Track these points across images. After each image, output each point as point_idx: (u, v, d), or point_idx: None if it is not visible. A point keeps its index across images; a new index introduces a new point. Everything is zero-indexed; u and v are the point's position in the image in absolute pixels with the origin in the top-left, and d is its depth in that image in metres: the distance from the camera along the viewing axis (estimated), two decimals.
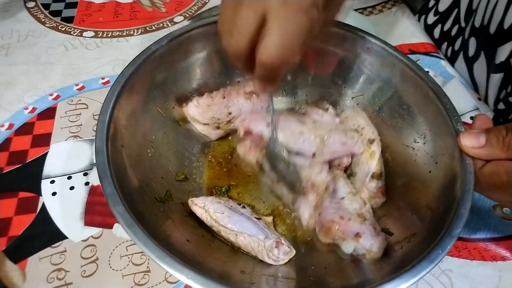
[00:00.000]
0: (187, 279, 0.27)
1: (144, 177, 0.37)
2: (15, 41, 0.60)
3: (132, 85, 0.38)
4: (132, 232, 0.28)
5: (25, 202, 0.41)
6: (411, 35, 0.64)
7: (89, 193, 0.42)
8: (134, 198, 0.33)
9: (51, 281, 0.36)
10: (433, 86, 0.39)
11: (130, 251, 0.38)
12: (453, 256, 0.39)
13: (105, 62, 0.57)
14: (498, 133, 0.32)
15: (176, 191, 0.40)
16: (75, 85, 0.54)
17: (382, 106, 0.45)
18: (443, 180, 0.35)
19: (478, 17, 0.53)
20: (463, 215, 0.30)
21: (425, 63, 0.59)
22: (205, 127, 0.45)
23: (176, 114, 0.44)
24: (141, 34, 0.62)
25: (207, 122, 0.45)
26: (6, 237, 0.38)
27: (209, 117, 0.44)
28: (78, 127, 0.49)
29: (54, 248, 0.38)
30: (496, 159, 0.32)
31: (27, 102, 0.51)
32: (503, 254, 0.39)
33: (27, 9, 0.67)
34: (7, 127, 0.48)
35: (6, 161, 0.45)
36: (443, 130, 0.37)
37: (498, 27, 0.49)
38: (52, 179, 0.43)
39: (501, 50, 0.49)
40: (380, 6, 0.71)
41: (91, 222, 0.40)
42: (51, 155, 0.46)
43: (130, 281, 0.36)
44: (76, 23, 0.64)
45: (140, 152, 0.39)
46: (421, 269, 0.28)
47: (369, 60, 0.45)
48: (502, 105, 0.51)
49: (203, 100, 0.44)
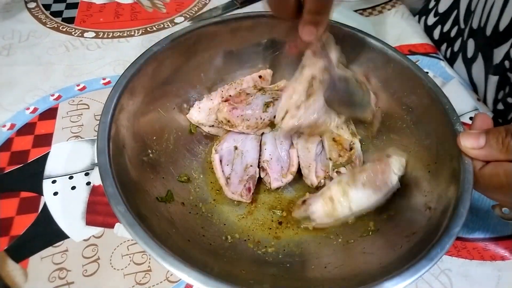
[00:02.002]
0: (188, 277, 0.27)
1: (145, 177, 0.38)
2: (17, 42, 0.60)
3: (133, 86, 0.39)
4: (134, 231, 0.29)
5: (26, 202, 0.42)
6: (411, 36, 0.65)
7: (90, 193, 0.43)
8: (135, 198, 0.33)
9: (52, 280, 0.36)
10: (433, 87, 0.40)
11: (131, 250, 0.38)
12: (452, 256, 0.39)
13: (106, 62, 0.58)
14: (497, 135, 0.32)
15: (177, 191, 0.40)
16: (76, 86, 0.54)
17: (382, 106, 0.45)
18: (442, 180, 0.35)
19: (475, 18, 0.53)
20: (462, 215, 0.30)
21: (424, 64, 0.60)
22: (212, 128, 0.46)
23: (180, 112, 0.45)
24: (141, 35, 0.63)
25: (212, 124, 0.45)
26: (8, 237, 0.39)
27: (213, 119, 0.45)
28: (79, 127, 0.49)
29: (56, 247, 0.38)
30: (496, 160, 0.32)
31: (29, 102, 0.51)
32: (502, 254, 0.40)
33: (28, 9, 0.67)
34: (8, 127, 0.48)
35: (8, 161, 0.45)
36: (442, 130, 0.37)
37: (494, 29, 0.49)
38: (53, 179, 0.44)
39: (497, 52, 0.49)
40: (380, 7, 0.71)
41: (93, 222, 0.40)
42: (53, 155, 0.46)
43: (131, 280, 0.36)
44: (77, 24, 0.64)
45: (141, 152, 0.39)
46: (420, 268, 0.28)
47: (369, 61, 0.45)
48: (501, 106, 0.51)
49: (204, 104, 0.45)
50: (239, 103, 0.44)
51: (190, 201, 0.40)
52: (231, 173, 0.42)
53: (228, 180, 0.41)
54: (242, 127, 0.44)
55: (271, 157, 0.43)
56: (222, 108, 0.44)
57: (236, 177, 0.42)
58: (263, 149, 0.44)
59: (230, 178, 0.42)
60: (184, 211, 0.39)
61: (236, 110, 0.44)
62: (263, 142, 0.45)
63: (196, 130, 0.46)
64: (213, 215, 0.40)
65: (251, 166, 0.42)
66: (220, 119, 0.44)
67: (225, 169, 0.42)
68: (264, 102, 0.45)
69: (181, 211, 0.38)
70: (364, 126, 0.46)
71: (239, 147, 0.44)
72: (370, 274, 0.31)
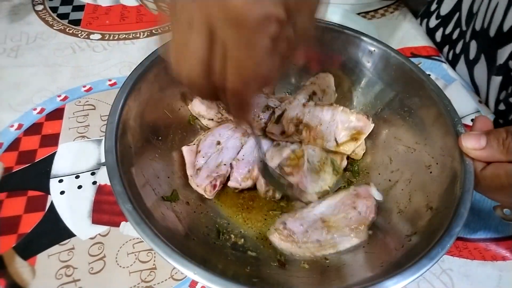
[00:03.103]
0: (194, 274, 0.28)
1: (151, 176, 0.38)
2: (24, 43, 0.61)
3: (140, 87, 0.40)
4: (141, 229, 0.29)
5: (34, 200, 0.42)
6: (413, 38, 0.65)
7: (96, 192, 0.43)
8: (141, 197, 0.33)
9: (59, 277, 0.37)
10: (434, 89, 0.40)
11: (137, 248, 0.39)
12: (454, 256, 0.40)
13: (112, 64, 0.58)
14: (498, 136, 0.33)
15: (182, 190, 0.40)
16: (83, 87, 0.55)
17: (384, 107, 0.46)
18: (443, 180, 0.36)
19: (478, 20, 0.53)
20: (463, 215, 0.31)
21: (426, 66, 0.60)
22: (211, 122, 0.47)
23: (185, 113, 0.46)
24: (147, 37, 0.64)
25: (212, 117, 0.46)
26: (16, 235, 0.39)
27: (213, 113, 0.46)
28: (86, 128, 0.50)
29: (63, 245, 0.39)
30: (497, 161, 0.33)
31: (36, 103, 0.52)
32: (503, 254, 0.40)
33: (36, 12, 0.68)
34: (16, 127, 0.49)
35: (16, 160, 0.46)
36: (444, 131, 0.38)
37: (498, 30, 0.49)
38: (60, 178, 0.44)
39: (501, 53, 0.50)
40: (383, 10, 0.72)
41: (99, 220, 0.41)
42: (59, 155, 0.47)
43: (137, 278, 0.37)
44: (83, 26, 0.65)
45: (147, 152, 0.40)
46: (421, 267, 0.28)
47: (371, 63, 0.46)
48: (503, 106, 0.52)
49: None
50: None
51: (194, 201, 0.41)
52: (203, 166, 0.42)
53: (198, 171, 0.41)
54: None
55: (243, 157, 0.43)
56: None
57: (206, 171, 0.41)
58: (241, 148, 0.44)
59: (200, 170, 0.41)
60: (189, 210, 0.39)
61: None
62: (244, 141, 0.45)
63: (195, 122, 0.47)
64: (216, 215, 0.41)
65: (224, 164, 0.42)
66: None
67: (199, 160, 0.42)
68: (265, 104, 0.46)
69: (186, 210, 0.39)
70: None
71: (222, 143, 0.44)
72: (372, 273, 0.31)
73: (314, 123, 0.42)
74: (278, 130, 0.43)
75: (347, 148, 0.43)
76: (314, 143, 0.43)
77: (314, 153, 0.42)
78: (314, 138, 0.43)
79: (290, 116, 0.43)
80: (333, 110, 0.43)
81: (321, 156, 0.42)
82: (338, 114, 0.43)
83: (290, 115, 0.43)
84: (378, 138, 0.45)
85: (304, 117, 0.43)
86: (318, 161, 0.42)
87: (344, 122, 0.42)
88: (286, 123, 0.43)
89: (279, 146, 0.43)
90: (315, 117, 0.43)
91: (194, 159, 0.43)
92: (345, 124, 0.42)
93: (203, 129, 0.47)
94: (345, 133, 0.43)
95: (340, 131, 0.43)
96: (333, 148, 0.43)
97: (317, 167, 0.41)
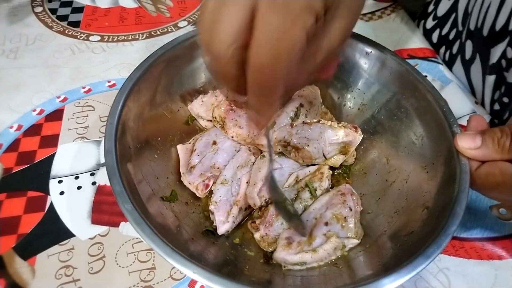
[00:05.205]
0: (193, 273, 0.28)
1: (151, 177, 0.38)
2: (24, 45, 0.61)
3: (140, 89, 0.40)
4: (140, 229, 0.30)
5: (33, 201, 0.43)
6: (410, 40, 0.66)
7: (96, 193, 0.44)
8: (141, 197, 0.34)
9: (59, 277, 0.37)
10: (431, 90, 0.41)
11: (136, 248, 0.39)
12: (450, 255, 0.40)
13: (111, 65, 0.59)
14: (493, 135, 0.33)
15: (180, 191, 0.41)
16: (82, 88, 0.55)
17: (380, 108, 0.46)
18: (439, 180, 0.36)
19: (473, 20, 0.54)
20: (459, 214, 0.31)
21: (423, 68, 0.61)
22: (209, 123, 0.47)
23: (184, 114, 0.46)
24: (146, 39, 0.64)
25: (211, 119, 0.46)
26: (16, 235, 0.40)
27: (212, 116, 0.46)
28: (85, 129, 0.50)
29: (62, 245, 0.39)
30: (492, 160, 0.33)
31: (35, 104, 0.53)
32: (499, 253, 0.40)
33: (35, 13, 0.68)
34: (16, 128, 0.49)
35: (15, 161, 0.46)
36: (440, 132, 0.38)
37: (491, 29, 0.50)
38: (59, 179, 0.45)
39: (494, 52, 0.50)
40: (380, 12, 0.73)
41: (98, 221, 0.41)
42: (59, 155, 0.47)
43: (136, 278, 0.37)
44: (83, 28, 0.66)
45: (146, 153, 0.40)
46: (417, 265, 0.29)
47: (368, 65, 0.46)
48: (497, 106, 0.52)
49: (208, 99, 0.46)
50: (239, 108, 0.44)
51: (193, 201, 0.41)
52: (197, 164, 0.41)
53: (191, 169, 0.41)
54: (233, 132, 0.44)
55: (219, 199, 0.39)
56: (221, 105, 0.44)
57: (199, 170, 0.41)
58: (215, 188, 0.40)
59: (194, 168, 0.41)
60: (188, 211, 0.39)
61: (233, 112, 0.44)
62: (239, 148, 0.44)
63: (193, 122, 0.47)
64: None
65: (217, 168, 0.42)
66: (215, 115, 0.44)
67: (193, 158, 0.42)
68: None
69: (185, 210, 0.39)
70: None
71: (218, 143, 0.44)
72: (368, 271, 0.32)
73: (302, 145, 0.41)
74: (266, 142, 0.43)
75: (335, 161, 0.43)
76: (303, 162, 0.43)
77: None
78: (302, 158, 0.42)
79: (278, 138, 0.42)
80: (321, 126, 0.42)
81: (296, 187, 0.41)
82: (326, 132, 0.41)
83: (278, 136, 0.42)
84: (376, 138, 0.46)
85: (292, 139, 0.42)
86: (294, 195, 0.40)
87: (331, 138, 0.41)
88: (274, 144, 0.43)
89: (265, 158, 0.42)
90: (303, 138, 0.41)
91: (188, 157, 0.43)
92: (333, 140, 0.42)
93: (201, 130, 0.47)
94: (333, 147, 0.42)
95: (327, 148, 0.42)
96: (321, 163, 0.43)
97: (291, 204, 0.39)
